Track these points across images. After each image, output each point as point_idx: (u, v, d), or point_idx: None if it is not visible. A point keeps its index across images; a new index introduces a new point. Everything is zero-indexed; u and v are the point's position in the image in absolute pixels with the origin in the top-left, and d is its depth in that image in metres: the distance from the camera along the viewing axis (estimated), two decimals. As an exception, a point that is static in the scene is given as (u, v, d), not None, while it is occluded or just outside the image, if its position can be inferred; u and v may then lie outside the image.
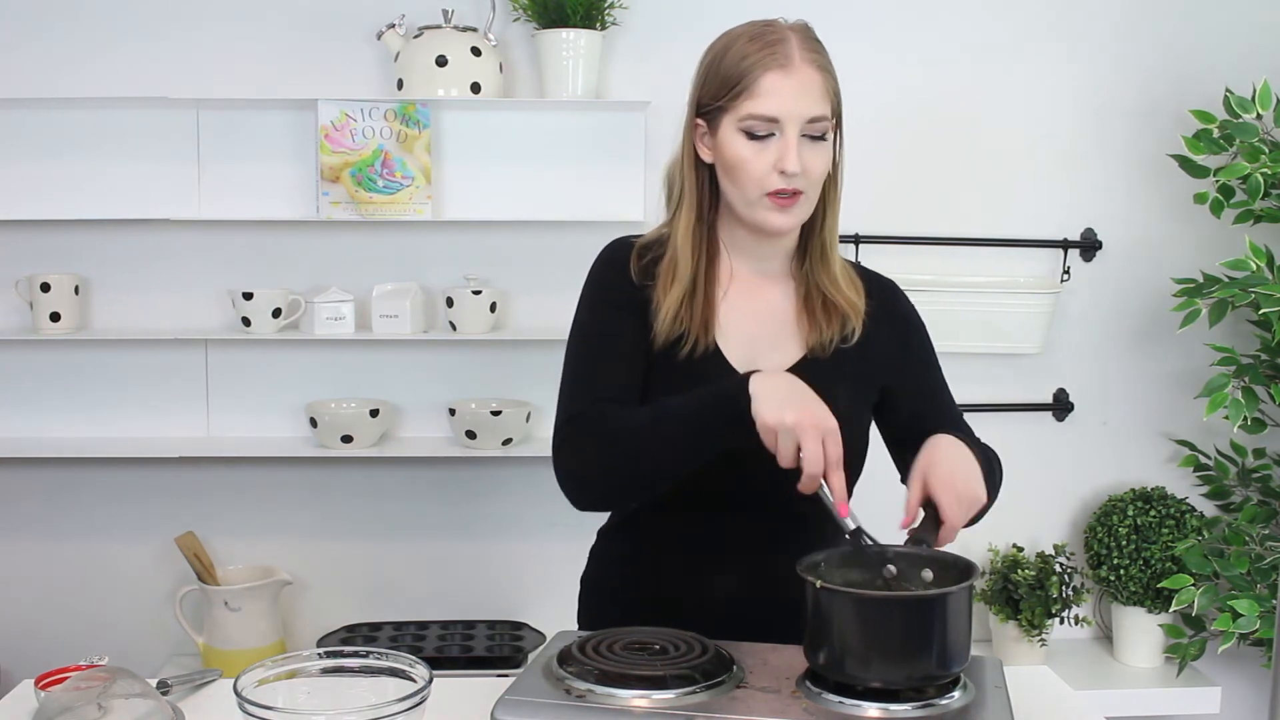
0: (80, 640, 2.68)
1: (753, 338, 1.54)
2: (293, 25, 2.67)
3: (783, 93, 1.43)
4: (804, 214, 1.50)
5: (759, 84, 1.43)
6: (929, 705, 1.24)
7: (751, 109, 1.43)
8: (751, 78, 1.43)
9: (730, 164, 1.47)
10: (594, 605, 1.68)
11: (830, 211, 1.55)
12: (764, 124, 1.43)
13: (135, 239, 2.69)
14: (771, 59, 1.43)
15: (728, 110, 1.45)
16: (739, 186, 1.47)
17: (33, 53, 2.64)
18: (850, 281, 1.58)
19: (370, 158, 2.58)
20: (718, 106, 1.47)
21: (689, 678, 1.27)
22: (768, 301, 1.57)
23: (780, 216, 1.48)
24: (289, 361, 2.75)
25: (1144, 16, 2.79)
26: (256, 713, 1.17)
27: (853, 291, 1.57)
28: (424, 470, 2.79)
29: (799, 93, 1.43)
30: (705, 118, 1.49)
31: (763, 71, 1.43)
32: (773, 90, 1.43)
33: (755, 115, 1.43)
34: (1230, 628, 2.40)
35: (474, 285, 2.64)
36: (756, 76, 1.43)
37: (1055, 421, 2.91)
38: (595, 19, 2.58)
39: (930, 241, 2.80)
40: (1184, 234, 2.83)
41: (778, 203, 1.46)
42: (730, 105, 1.45)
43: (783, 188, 1.45)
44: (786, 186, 1.45)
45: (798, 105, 1.43)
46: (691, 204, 1.52)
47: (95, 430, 2.73)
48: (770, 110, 1.43)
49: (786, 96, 1.43)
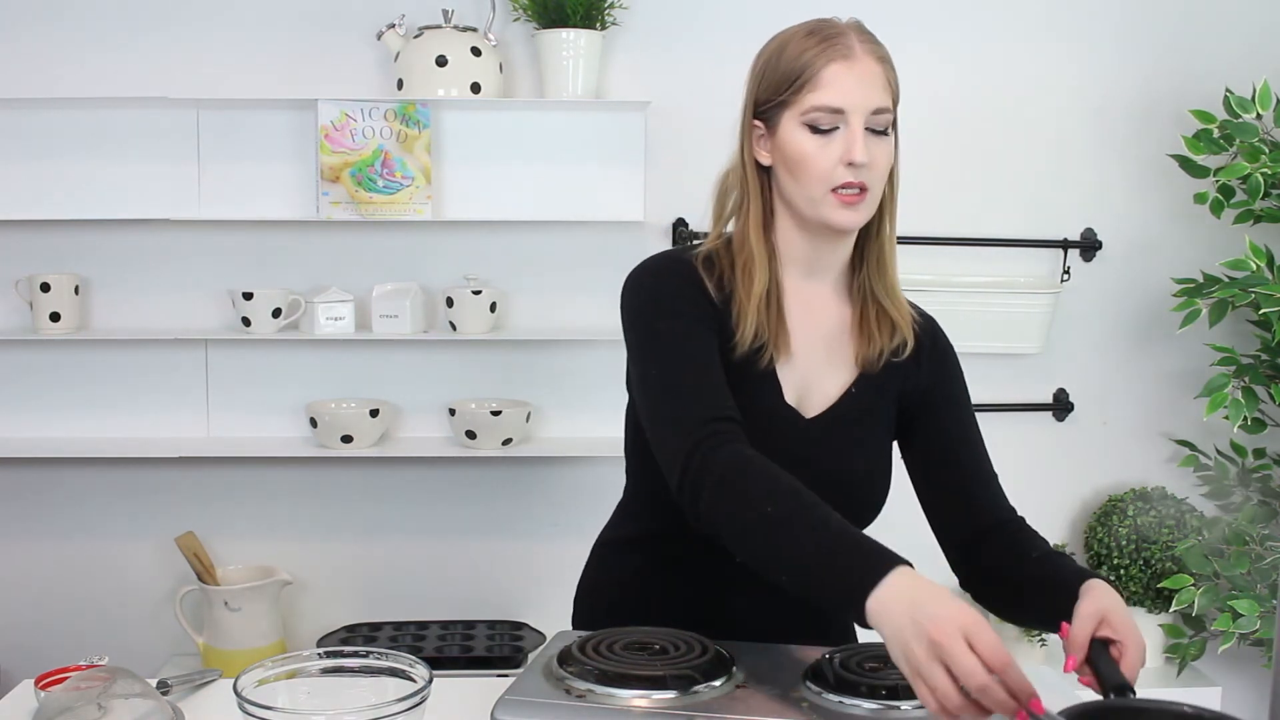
0: (80, 640, 2.69)
1: (809, 359, 1.49)
2: (293, 25, 2.67)
3: (847, 82, 1.39)
4: (869, 211, 1.45)
5: (821, 75, 1.39)
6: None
7: (815, 100, 1.39)
8: (814, 69, 1.40)
9: (794, 160, 1.42)
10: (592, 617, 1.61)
11: (889, 216, 1.50)
12: (829, 116, 1.39)
13: (135, 239, 2.69)
14: (834, 50, 1.40)
15: (789, 105, 1.41)
16: (803, 184, 1.42)
17: (33, 53, 2.64)
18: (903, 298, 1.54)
19: (370, 158, 2.58)
20: (778, 102, 1.42)
21: (689, 678, 1.26)
22: (825, 316, 1.51)
23: (846, 213, 1.42)
24: (289, 361, 2.75)
25: (1144, 16, 2.79)
26: (256, 713, 1.17)
27: (906, 306, 1.53)
28: (424, 470, 2.79)
29: (863, 83, 1.40)
30: (763, 118, 1.45)
31: (825, 63, 1.40)
32: (836, 80, 1.39)
33: (819, 107, 1.39)
34: (1230, 628, 2.40)
35: (474, 285, 2.64)
36: (819, 68, 1.40)
37: (1055, 421, 2.91)
38: (595, 19, 2.58)
39: (930, 241, 2.80)
40: (1184, 234, 2.83)
41: (844, 199, 1.41)
42: (792, 99, 1.41)
43: (850, 181, 1.40)
44: (854, 180, 1.40)
45: (862, 96, 1.40)
46: (758, 208, 1.47)
47: (95, 430, 2.73)
48: (835, 101, 1.39)
49: (851, 86, 1.39)
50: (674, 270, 1.47)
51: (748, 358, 1.44)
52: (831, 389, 1.49)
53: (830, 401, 1.48)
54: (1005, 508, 1.56)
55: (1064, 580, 1.38)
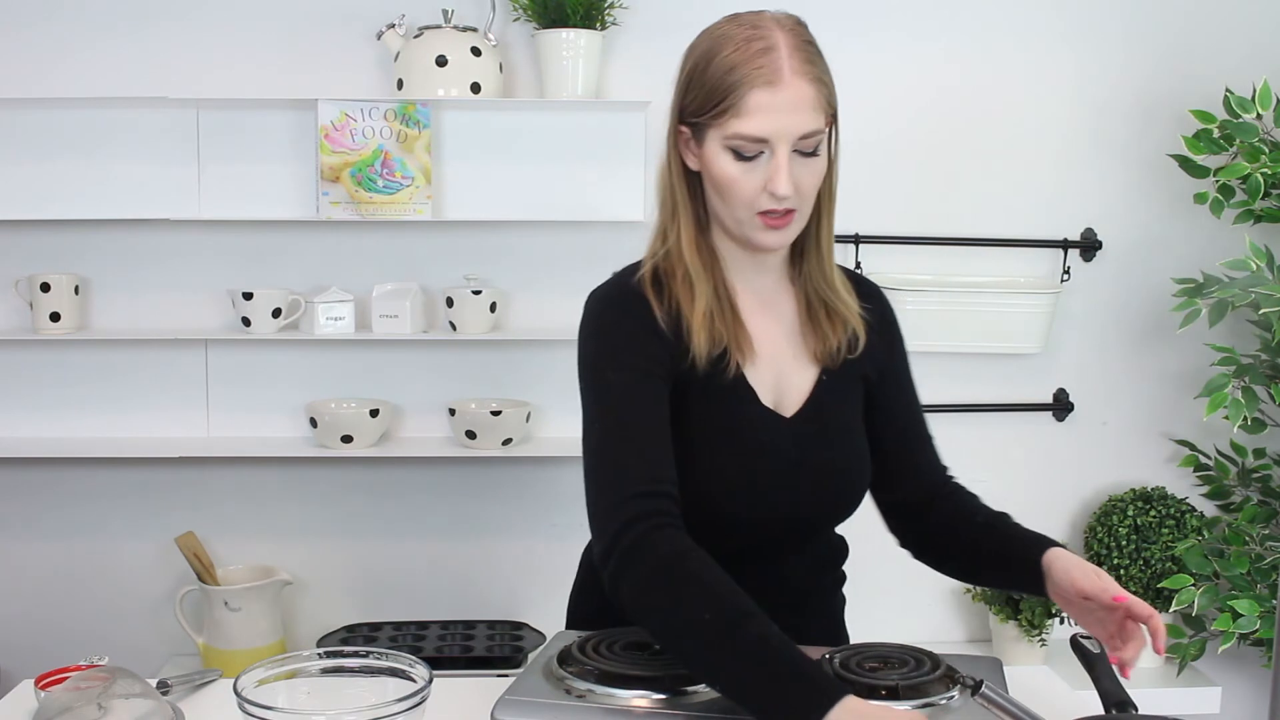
0: (80, 640, 2.68)
1: (776, 357, 1.46)
2: (293, 25, 2.67)
3: (771, 111, 1.31)
4: (797, 229, 1.41)
5: (745, 102, 1.31)
6: (929, 704, 1.24)
7: (738, 129, 1.32)
8: (737, 95, 1.31)
9: (719, 183, 1.36)
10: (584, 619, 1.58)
11: (826, 216, 1.45)
12: (752, 144, 1.32)
13: (135, 239, 2.69)
14: (758, 75, 1.31)
15: (713, 126, 1.34)
16: (728, 206, 1.37)
17: (33, 52, 2.64)
18: (845, 286, 1.51)
19: (370, 158, 2.58)
20: (703, 121, 1.35)
21: (689, 678, 1.26)
22: (781, 310, 1.48)
23: (773, 236, 1.38)
24: (289, 361, 2.75)
25: (1144, 17, 2.79)
26: (256, 713, 1.17)
27: (850, 296, 1.50)
28: (424, 470, 2.79)
29: (789, 110, 1.31)
30: (690, 127, 1.39)
31: (749, 89, 1.30)
32: (761, 109, 1.31)
33: (742, 136, 1.32)
34: (1230, 628, 2.40)
35: (474, 285, 2.64)
36: (743, 94, 1.31)
37: (1055, 421, 2.91)
38: (595, 19, 2.58)
39: (930, 241, 2.80)
40: (1184, 234, 2.83)
41: (769, 223, 1.37)
42: (716, 122, 1.33)
43: (774, 208, 1.35)
44: (778, 207, 1.35)
45: (788, 124, 1.32)
46: (689, 216, 1.42)
47: (95, 430, 2.73)
48: (758, 131, 1.31)
49: (775, 116, 1.31)
50: (625, 308, 1.40)
51: (713, 368, 1.39)
52: (803, 384, 1.46)
53: (805, 396, 1.46)
54: (944, 469, 1.60)
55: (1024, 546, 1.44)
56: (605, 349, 1.39)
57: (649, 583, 1.24)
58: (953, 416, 2.86)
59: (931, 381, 2.81)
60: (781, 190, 1.33)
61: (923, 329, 2.70)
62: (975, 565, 1.55)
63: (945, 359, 2.82)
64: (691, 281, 1.40)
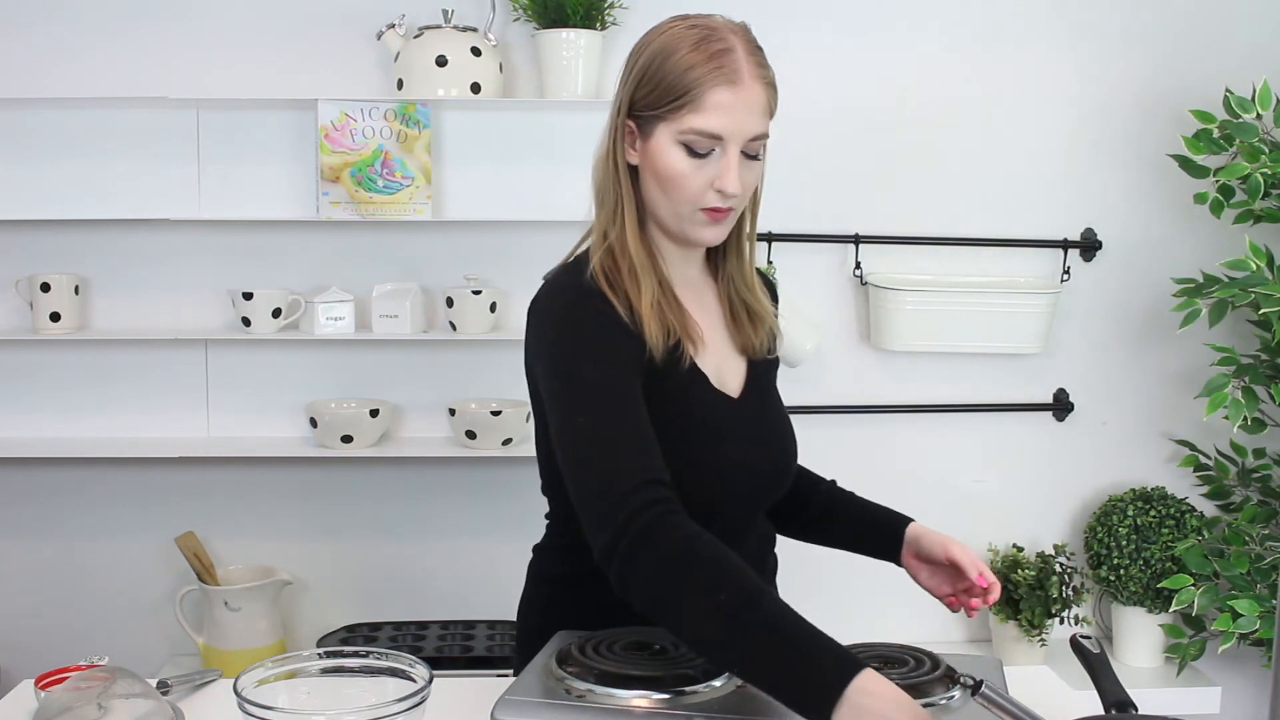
0: (80, 640, 2.69)
1: (716, 343, 1.50)
2: (293, 25, 2.67)
3: (731, 110, 1.35)
4: (730, 226, 1.45)
5: (705, 98, 1.34)
6: (929, 704, 1.24)
7: (695, 124, 1.35)
8: (698, 91, 1.35)
9: (665, 176, 1.39)
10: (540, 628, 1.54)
11: (750, 218, 1.50)
12: (706, 140, 1.36)
13: (135, 239, 2.69)
14: (719, 74, 1.35)
15: (666, 120, 1.37)
16: (671, 200, 1.40)
17: (32, 52, 2.64)
18: (761, 288, 1.56)
19: (370, 158, 2.58)
20: (654, 115, 1.38)
21: (689, 678, 1.26)
22: (708, 307, 1.52)
23: (711, 230, 1.42)
24: (289, 361, 2.75)
25: (1144, 17, 2.79)
26: (256, 713, 1.17)
27: (765, 298, 1.56)
28: (424, 470, 2.79)
29: (746, 110, 1.36)
30: (636, 120, 1.41)
31: (710, 86, 1.34)
32: (720, 107, 1.35)
33: (699, 131, 1.35)
34: (1230, 628, 2.40)
35: (474, 285, 2.64)
36: (703, 91, 1.34)
37: (1055, 421, 2.91)
38: (595, 19, 2.58)
39: (930, 241, 2.80)
40: (1184, 234, 2.83)
41: (710, 217, 1.40)
42: (671, 116, 1.36)
43: (718, 205, 1.39)
44: (722, 205, 1.39)
45: (743, 124, 1.36)
46: (633, 213, 1.44)
47: (95, 430, 2.73)
48: (715, 128, 1.35)
49: (733, 114, 1.35)
50: (591, 306, 1.40)
51: (668, 357, 1.41)
52: (739, 371, 1.52)
53: (744, 378, 1.51)
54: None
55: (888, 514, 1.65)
56: (580, 347, 1.38)
57: (664, 566, 1.23)
58: (953, 416, 2.86)
59: (931, 381, 2.84)
60: (731, 188, 1.37)
61: (923, 329, 2.71)
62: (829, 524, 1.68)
63: (945, 359, 2.82)
64: (637, 275, 1.42)
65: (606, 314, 1.39)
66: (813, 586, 2.78)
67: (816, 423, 2.82)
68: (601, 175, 1.48)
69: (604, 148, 1.47)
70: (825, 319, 2.79)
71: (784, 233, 2.72)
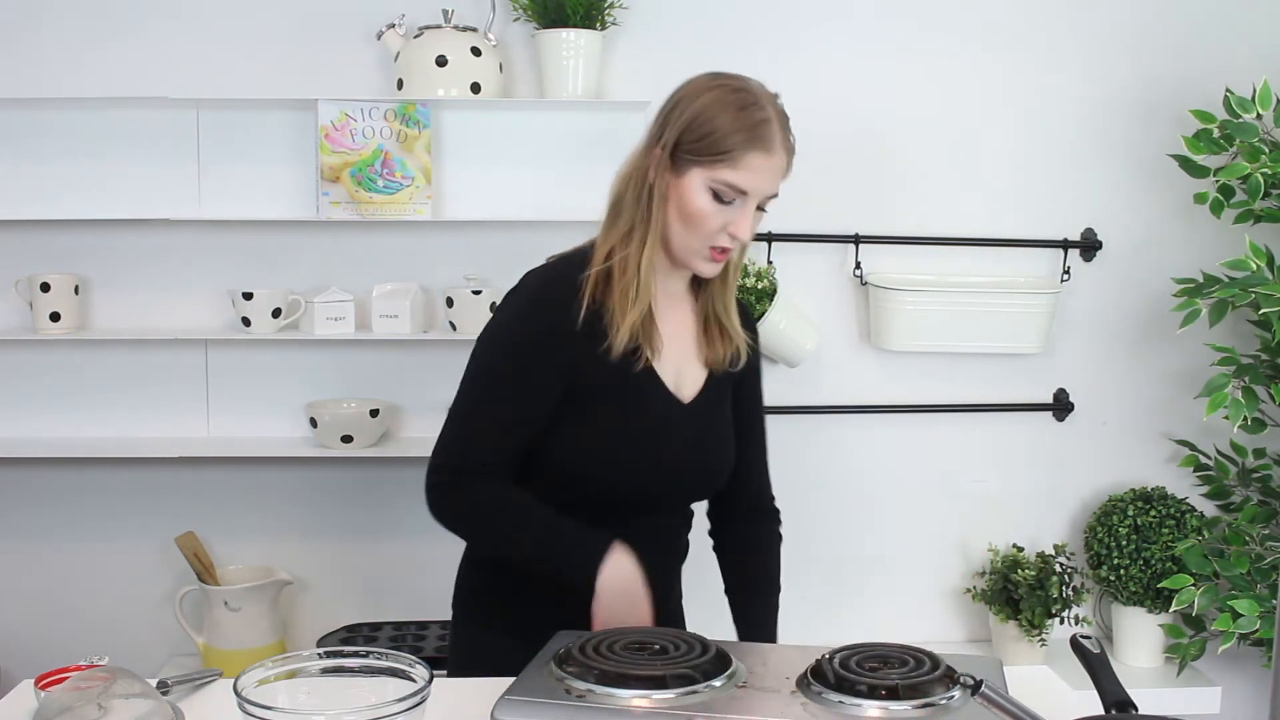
0: (80, 640, 2.68)
1: (678, 352, 1.69)
2: (293, 25, 2.67)
3: (760, 172, 1.56)
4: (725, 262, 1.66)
5: (742, 159, 1.54)
6: (929, 704, 1.24)
7: (728, 178, 1.55)
8: (738, 152, 1.54)
9: (688, 213, 1.57)
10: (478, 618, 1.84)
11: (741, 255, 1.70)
12: (733, 192, 1.56)
13: (135, 239, 2.69)
14: (757, 140, 1.55)
15: (702, 166, 1.56)
16: (688, 233, 1.59)
17: (33, 52, 2.63)
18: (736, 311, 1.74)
19: (370, 158, 2.58)
20: (692, 159, 1.56)
21: (689, 678, 1.27)
22: (683, 314, 1.72)
23: (712, 266, 1.63)
24: (289, 361, 2.75)
25: (1145, 17, 2.79)
26: (256, 713, 1.17)
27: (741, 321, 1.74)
28: (424, 470, 2.78)
29: (771, 174, 1.57)
30: (673, 159, 1.58)
31: (748, 149, 1.54)
32: (753, 168, 1.55)
33: (730, 184, 1.55)
34: (1230, 628, 2.40)
35: (474, 285, 2.64)
36: (742, 153, 1.54)
37: (1055, 421, 2.91)
38: (595, 19, 2.58)
39: (930, 241, 2.80)
40: (1184, 234, 2.83)
41: (715, 255, 1.61)
42: (707, 165, 1.55)
43: (726, 246, 1.60)
44: (730, 246, 1.60)
45: (768, 185, 1.58)
46: (655, 235, 1.61)
47: (95, 430, 2.73)
48: (745, 185, 1.55)
49: (765, 177, 1.56)
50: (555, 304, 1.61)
51: (625, 359, 1.61)
52: (697, 378, 1.71)
53: (699, 385, 1.71)
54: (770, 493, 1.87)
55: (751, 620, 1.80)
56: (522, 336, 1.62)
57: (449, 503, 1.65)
58: (953, 416, 2.86)
59: (931, 381, 2.84)
60: (744, 236, 1.59)
61: (923, 329, 2.71)
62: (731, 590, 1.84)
63: (945, 359, 2.82)
64: (631, 294, 1.60)
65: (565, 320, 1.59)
66: (813, 587, 2.79)
67: (816, 423, 2.82)
68: (625, 193, 1.63)
69: (633, 168, 1.63)
70: (825, 319, 2.79)
71: (784, 233, 2.72)
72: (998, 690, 1.17)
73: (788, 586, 1.86)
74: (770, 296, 2.61)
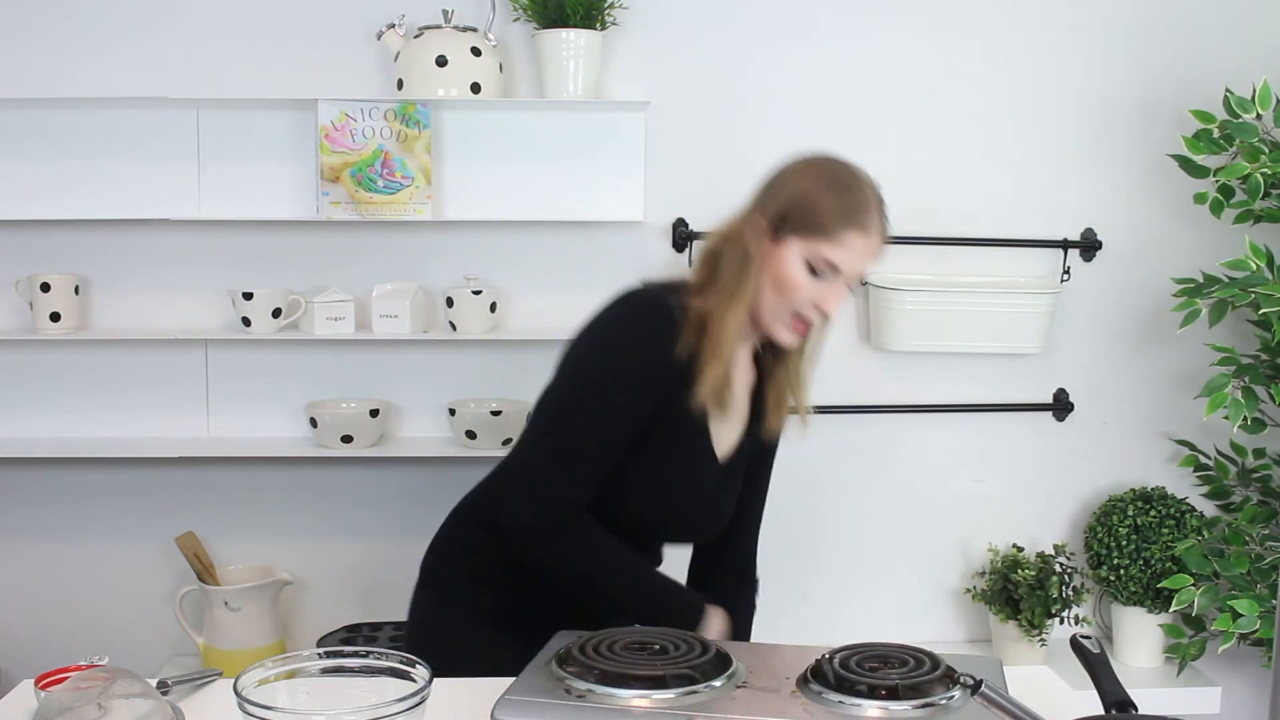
0: (80, 640, 2.68)
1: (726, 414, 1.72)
2: (293, 25, 2.67)
3: (858, 252, 1.63)
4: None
5: (842, 238, 1.61)
6: (929, 704, 1.24)
7: (827, 254, 1.61)
8: (839, 231, 1.61)
9: (781, 280, 1.63)
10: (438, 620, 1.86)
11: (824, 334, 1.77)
12: (827, 268, 1.62)
13: (135, 239, 2.69)
14: (858, 221, 1.62)
15: (802, 239, 1.62)
16: (777, 300, 1.64)
17: (33, 52, 2.63)
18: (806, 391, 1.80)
19: (370, 158, 2.58)
20: (793, 232, 1.62)
21: (689, 678, 1.27)
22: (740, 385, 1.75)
23: (791, 336, 1.68)
24: (289, 361, 2.75)
25: (1144, 16, 2.79)
26: (256, 713, 1.17)
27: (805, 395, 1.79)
28: (424, 470, 2.79)
29: (866, 255, 1.64)
30: (774, 228, 1.64)
31: (849, 229, 1.61)
32: (851, 248, 1.62)
33: (828, 260, 1.62)
34: (1230, 628, 2.40)
35: (474, 285, 2.64)
36: (843, 232, 1.61)
37: (1055, 421, 2.91)
38: (595, 19, 2.58)
39: (930, 241, 2.80)
40: (1184, 234, 2.83)
41: (798, 328, 1.67)
42: (807, 238, 1.62)
43: (811, 319, 1.65)
44: (814, 319, 1.66)
45: (862, 265, 1.65)
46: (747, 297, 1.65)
47: (95, 430, 2.72)
48: (842, 263, 1.62)
49: (859, 257, 1.63)
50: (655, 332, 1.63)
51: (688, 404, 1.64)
52: (734, 436, 1.77)
53: (732, 449, 1.77)
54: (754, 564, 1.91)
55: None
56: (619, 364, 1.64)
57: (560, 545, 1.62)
58: (953, 416, 2.86)
59: (931, 381, 2.84)
60: (831, 312, 1.65)
61: (923, 329, 2.71)
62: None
63: (945, 359, 2.82)
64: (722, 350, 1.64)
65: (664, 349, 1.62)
66: (813, 587, 2.80)
67: (816, 423, 2.79)
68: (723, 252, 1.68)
69: (732, 230, 1.68)
70: (825, 319, 2.79)
71: (784, 233, 2.72)
72: (998, 690, 1.17)
73: (788, 587, 1.86)
74: (770, 296, 2.61)
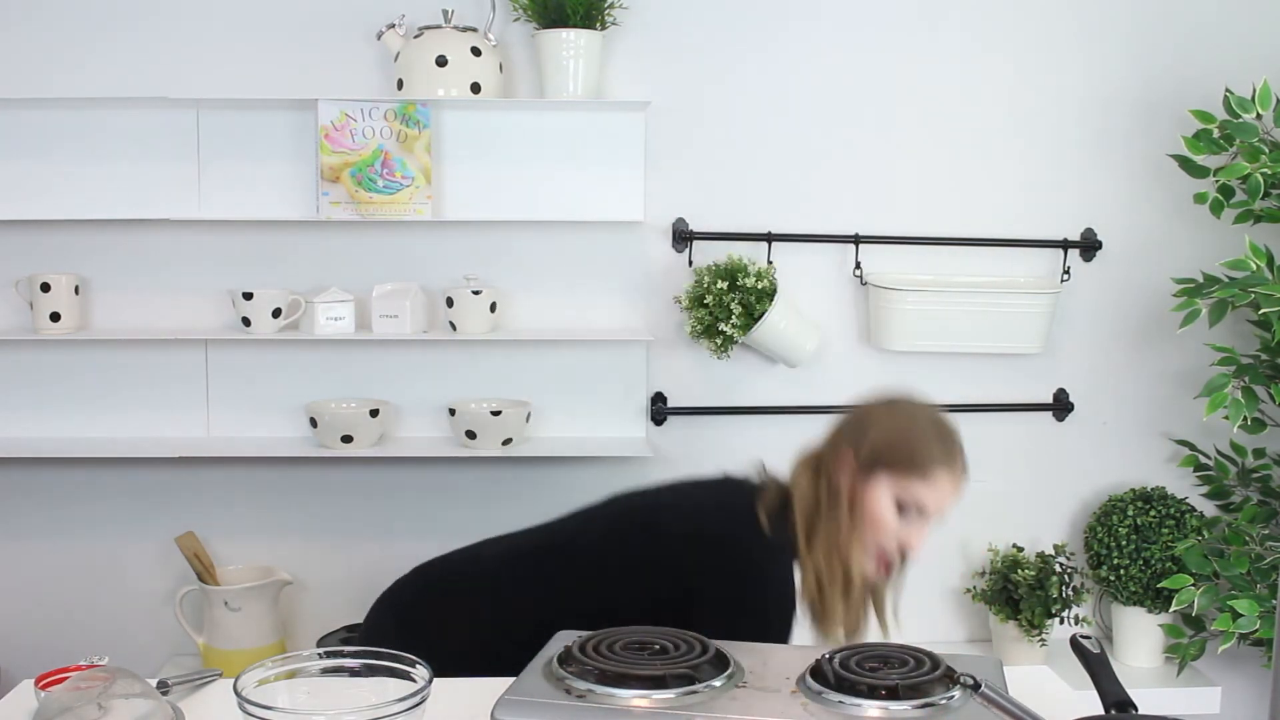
0: (80, 640, 2.68)
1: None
2: (293, 25, 2.67)
3: (945, 491, 1.70)
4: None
5: (932, 475, 1.68)
6: (928, 704, 1.24)
7: (917, 493, 1.68)
8: (930, 469, 1.68)
9: (870, 516, 1.69)
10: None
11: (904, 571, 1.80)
12: (915, 506, 1.68)
13: (135, 239, 2.69)
14: (949, 462, 1.70)
15: (894, 476, 1.68)
16: (862, 536, 1.70)
17: (32, 52, 2.63)
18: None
19: (370, 158, 2.58)
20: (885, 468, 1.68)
21: (689, 678, 1.27)
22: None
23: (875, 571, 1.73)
24: (289, 361, 2.75)
25: (1144, 17, 2.79)
26: (256, 713, 1.17)
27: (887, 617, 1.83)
28: (424, 470, 2.79)
29: (952, 491, 1.71)
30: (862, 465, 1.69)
31: (940, 468, 1.69)
32: (940, 487, 1.69)
33: (917, 499, 1.68)
34: (1230, 628, 2.40)
35: (474, 285, 2.64)
36: (936, 471, 1.68)
37: (1055, 421, 2.91)
38: (595, 19, 2.58)
39: (930, 241, 2.80)
40: (1184, 234, 2.83)
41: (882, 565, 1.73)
42: (899, 475, 1.68)
43: (894, 560, 1.72)
44: (896, 559, 1.72)
45: (948, 502, 1.71)
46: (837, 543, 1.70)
47: (95, 430, 2.72)
48: (929, 501, 1.69)
49: (945, 495, 1.70)
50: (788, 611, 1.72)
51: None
52: None
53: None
54: None
55: None
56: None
57: None
58: (953, 416, 2.86)
59: (932, 381, 2.83)
60: (916, 551, 1.71)
61: (923, 329, 2.71)
62: None
63: (945, 359, 2.82)
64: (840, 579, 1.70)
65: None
66: (813, 586, 2.79)
67: (817, 423, 2.81)
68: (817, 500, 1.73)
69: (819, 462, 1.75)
70: (825, 319, 2.79)
71: (784, 233, 2.72)
72: (998, 690, 1.17)
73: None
74: (770, 296, 2.61)
